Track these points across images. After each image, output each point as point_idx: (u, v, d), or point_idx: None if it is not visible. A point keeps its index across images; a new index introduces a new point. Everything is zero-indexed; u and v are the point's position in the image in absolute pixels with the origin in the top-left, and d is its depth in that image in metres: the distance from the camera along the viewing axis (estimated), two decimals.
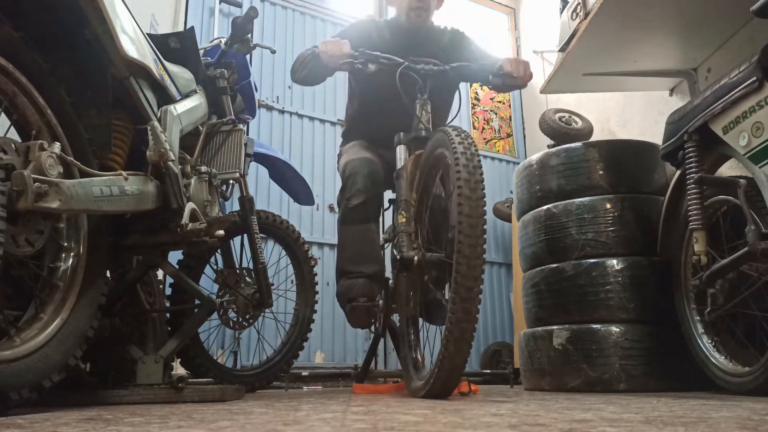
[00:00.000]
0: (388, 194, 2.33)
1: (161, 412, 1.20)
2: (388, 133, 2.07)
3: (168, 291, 2.16)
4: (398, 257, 1.83)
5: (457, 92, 2.24)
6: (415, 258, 1.77)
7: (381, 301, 2.27)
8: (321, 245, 3.71)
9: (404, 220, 1.85)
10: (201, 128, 2.00)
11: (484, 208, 1.47)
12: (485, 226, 1.45)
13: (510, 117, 4.85)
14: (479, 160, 1.53)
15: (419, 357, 1.89)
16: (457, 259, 1.43)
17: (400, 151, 2.01)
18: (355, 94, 2.50)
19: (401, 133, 2.03)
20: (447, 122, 2.43)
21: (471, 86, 4.69)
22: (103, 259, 1.44)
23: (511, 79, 2.15)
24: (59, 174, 1.23)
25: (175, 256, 2.07)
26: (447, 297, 1.74)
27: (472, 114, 4.65)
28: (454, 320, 1.41)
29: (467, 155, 1.51)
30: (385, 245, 2.44)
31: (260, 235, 2.26)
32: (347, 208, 2.18)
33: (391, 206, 2.24)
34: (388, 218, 2.56)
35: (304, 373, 3.23)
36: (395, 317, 2.52)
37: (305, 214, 3.69)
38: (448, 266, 1.68)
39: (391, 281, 2.17)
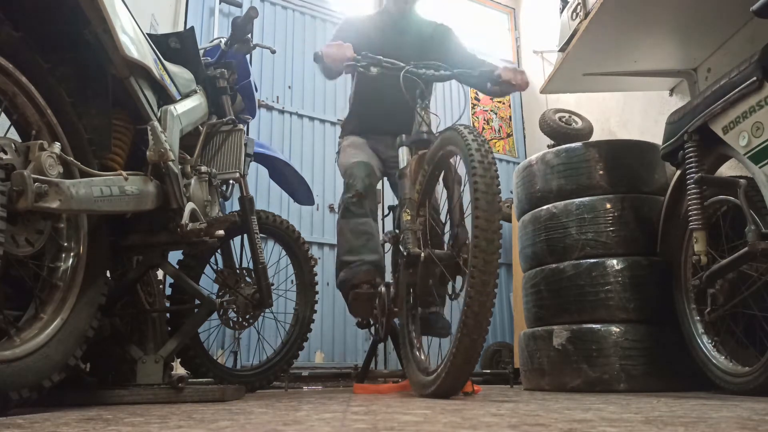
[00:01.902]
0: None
1: (161, 412, 1.20)
2: (386, 128, 2.17)
3: (168, 291, 2.16)
4: (404, 254, 1.82)
5: (461, 92, 2.28)
6: (422, 254, 1.76)
7: (383, 291, 2.26)
8: (321, 245, 3.71)
9: (409, 217, 1.85)
10: (201, 128, 2.00)
11: (500, 204, 1.47)
12: (500, 222, 1.46)
13: (510, 117, 4.85)
14: (494, 158, 1.54)
15: (422, 355, 1.88)
16: (473, 253, 1.42)
17: (402, 153, 2.03)
18: (358, 91, 2.65)
19: (403, 135, 2.06)
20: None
21: None
22: (103, 259, 1.44)
23: (509, 86, 2.30)
24: (59, 174, 1.23)
25: (175, 256, 2.07)
26: (450, 300, 1.75)
27: (472, 114, 4.65)
28: (470, 314, 1.41)
29: (482, 152, 1.52)
30: (384, 245, 2.45)
31: (260, 235, 2.26)
32: (347, 203, 2.34)
33: (390, 213, 2.26)
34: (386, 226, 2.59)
35: (304, 373, 3.23)
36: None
37: (305, 214, 3.69)
38: (455, 263, 1.69)
39: (392, 286, 2.16)
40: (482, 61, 2.53)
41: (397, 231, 2.10)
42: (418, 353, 1.87)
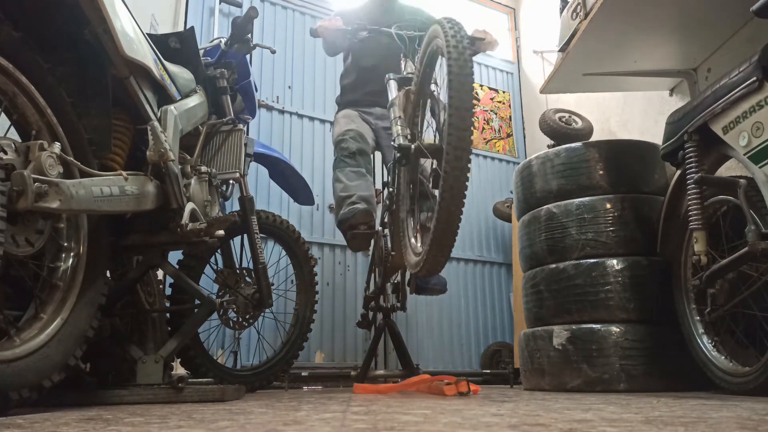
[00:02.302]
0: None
1: (161, 412, 1.20)
2: (374, 101, 2.40)
3: (168, 291, 2.16)
4: (395, 147, 1.85)
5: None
6: (412, 147, 1.79)
7: (381, 235, 2.60)
8: (321, 245, 3.71)
9: (398, 126, 1.89)
10: (201, 128, 2.00)
11: (473, 84, 1.48)
12: (474, 103, 1.47)
13: (510, 117, 4.85)
14: (468, 42, 1.55)
15: (417, 244, 1.92)
16: (448, 131, 1.44)
17: (391, 86, 2.13)
18: (347, 67, 3.03)
19: (391, 73, 2.18)
20: None
21: None
22: (103, 259, 1.44)
23: (481, 43, 2.52)
24: (59, 174, 1.23)
25: (175, 256, 2.07)
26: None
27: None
28: (446, 188, 1.44)
29: (457, 37, 1.54)
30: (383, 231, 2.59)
31: (260, 235, 2.26)
32: (339, 157, 2.65)
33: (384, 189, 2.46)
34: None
35: (304, 373, 3.23)
36: (395, 317, 2.53)
37: (305, 214, 3.68)
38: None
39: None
40: None
41: (390, 190, 2.27)
42: (414, 240, 1.93)
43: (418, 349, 3.74)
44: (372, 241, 2.72)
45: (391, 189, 2.28)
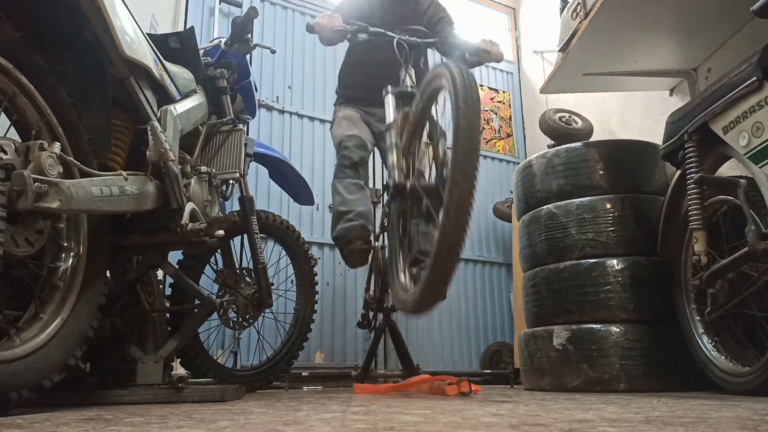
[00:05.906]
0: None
1: (161, 412, 1.20)
2: (376, 100, 2.25)
3: (168, 291, 2.16)
4: (390, 184, 1.82)
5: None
6: (408, 184, 1.76)
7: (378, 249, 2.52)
8: (321, 245, 3.71)
9: (394, 157, 1.85)
10: (201, 128, 2.00)
11: (481, 122, 1.47)
12: (481, 136, 1.45)
13: (510, 117, 4.85)
14: (478, 96, 1.53)
15: (407, 282, 1.87)
16: (454, 156, 1.40)
17: (388, 101, 2.08)
18: (347, 62, 2.94)
19: (389, 86, 2.12)
20: None
21: None
22: (103, 259, 1.44)
23: (485, 55, 2.49)
24: (59, 174, 1.23)
25: (175, 256, 2.07)
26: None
27: None
28: (452, 206, 1.37)
29: (463, 75, 1.52)
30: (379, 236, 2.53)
31: (260, 235, 2.26)
32: (341, 166, 2.59)
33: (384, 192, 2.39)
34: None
35: (304, 373, 3.23)
36: (395, 317, 2.53)
37: (305, 214, 3.68)
38: (439, 195, 1.68)
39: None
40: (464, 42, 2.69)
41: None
42: (402, 277, 1.86)
43: (418, 349, 3.73)
44: (370, 256, 2.67)
45: (384, 219, 2.25)
